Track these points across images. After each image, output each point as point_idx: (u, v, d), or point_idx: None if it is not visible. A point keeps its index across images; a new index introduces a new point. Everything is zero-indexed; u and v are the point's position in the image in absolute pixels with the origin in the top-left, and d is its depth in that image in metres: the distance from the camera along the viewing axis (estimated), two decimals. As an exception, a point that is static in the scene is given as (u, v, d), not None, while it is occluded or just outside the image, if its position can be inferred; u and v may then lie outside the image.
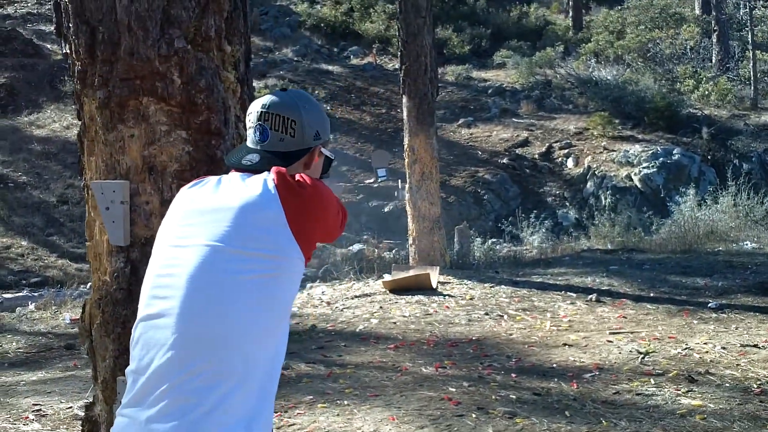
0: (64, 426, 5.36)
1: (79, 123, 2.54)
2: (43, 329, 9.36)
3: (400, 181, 18.19)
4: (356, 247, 16.39)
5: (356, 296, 9.92)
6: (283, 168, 2.17)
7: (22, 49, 24.35)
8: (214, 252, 2.03)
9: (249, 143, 2.28)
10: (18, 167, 18.76)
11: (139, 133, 2.42)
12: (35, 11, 27.77)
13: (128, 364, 2.33)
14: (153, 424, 1.93)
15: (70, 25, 2.45)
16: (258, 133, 2.25)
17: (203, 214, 2.10)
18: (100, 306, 2.45)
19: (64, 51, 2.51)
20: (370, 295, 9.88)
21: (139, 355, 2.04)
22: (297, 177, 2.15)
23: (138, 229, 2.42)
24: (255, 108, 2.27)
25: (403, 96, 11.56)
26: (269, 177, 2.12)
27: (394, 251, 15.72)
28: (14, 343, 8.67)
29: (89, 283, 13.69)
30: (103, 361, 2.47)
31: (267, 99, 2.28)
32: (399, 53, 11.80)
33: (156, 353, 1.99)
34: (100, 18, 2.39)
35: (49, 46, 25.59)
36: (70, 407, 5.75)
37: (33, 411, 5.66)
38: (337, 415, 5.47)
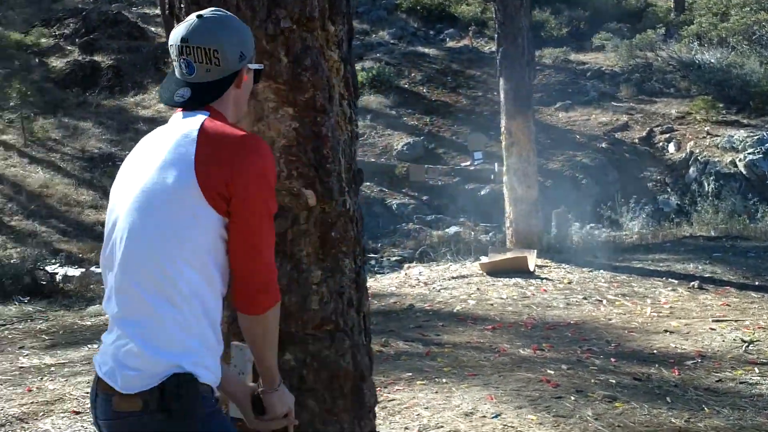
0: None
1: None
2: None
3: (496, 164, 18.09)
4: (452, 229, 16.40)
5: (453, 277, 9.97)
6: (218, 114, 2.27)
7: (128, 32, 25.10)
8: (145, 194, 2.18)
9: (177, 75, 2.31)
10: (125, 146, 19.35)
11: (248, 109, 2.50)
12: (140, -5, 28.56)
13: (240, 331, 2.45)
14: (116, 343, 2.18)
15: (182, 5, 2.55)
16: (184, 67, 2.27)
17: (146, 158, 2.25)
18: (213, 275, 2.55)
19: (175, 31, 2.61)
20: (467, 277, 9.92)
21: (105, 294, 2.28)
22: (228, 128, 2.22)
23: (248, 201, 2.51)
24: (174, 41, 2.28)
25: (500, 79, 11.50)
26: (198, 121, 2.22)
27: (490, 234, 15.67)
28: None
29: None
30: (216, 328, 2.58)
31: (184, 30, 2.26)
32: (496, 36, 11.73)
33: (110, 294, 2.24)
34: (210, -1, 2.48)
35: (153, 28, 26.30)
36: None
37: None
38: (436, 392, 5.53)
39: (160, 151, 2.20)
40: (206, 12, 2.29)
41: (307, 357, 2.55)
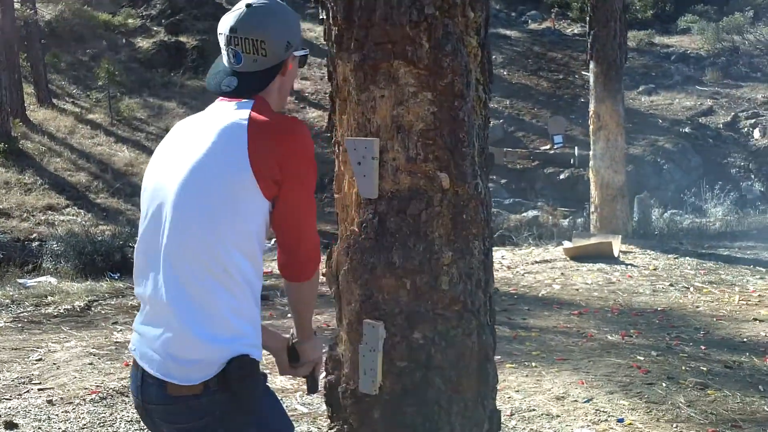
0: (267, 371, 5.69)
1: (331, 84, 2.74)
2: (239, 280, 9.86)
3: (576, 148, 17.95)
4: (531, 213, 16.35)
5: (536, 261, 9.99)
6: (264, 102, 2.28)
7: (213, 13, 25.44)
8: (187, 186, 2.20)
9: (225, 63, 2.36)
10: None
11: (389, 94, 2.56)
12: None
13: (373, 309, 2.54)
14: (164, 336, 2.19)
15: (326, -10, 2.64)
16: (232, 57, 2.32)
17: (188, 143, 2.26)
18: (348, 254, 2.64)
19: (321, 17, 2.70)
20: (550, 261, 9.93)
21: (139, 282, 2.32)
22: (273, 116, 2.24)
23: (385, 183, 2.59)
24: (224, 29, 2.32)
25: (591, 61, 11.43)
26: (245, 111, 2.23)
27: (569, 219, 15.60)
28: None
29: (273, 239, 14.30)
30: (348, 305, 2.67)
31: (233, 19, 2.30)
32: (588, 18, 11.66)
33: (141, 281, 2.29)
34: (358, -15, 2.56)
35: (237, 10, 26.62)
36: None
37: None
38: (526, 375, 5.58)
39: (207, 140, 2.21)
40: (255, 2, 2.32)
41: (435, 336, 2.62)
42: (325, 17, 2.68)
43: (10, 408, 5.06)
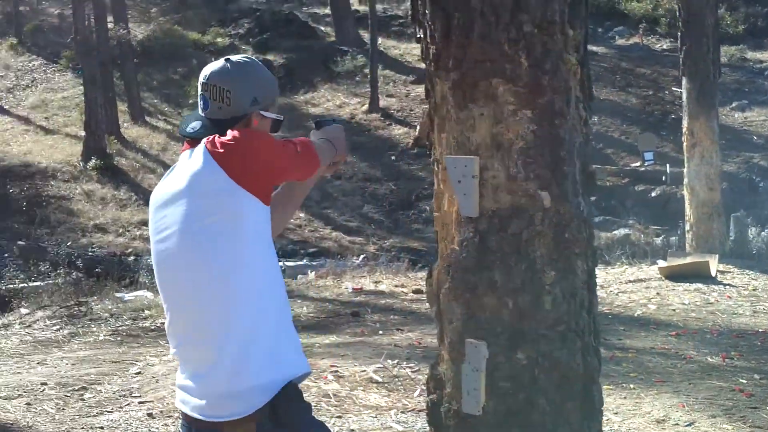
0: (361, 387, 5.72)
1: (428, 102, 2.74)
2: (329, 296, 9.94)
3: (668, 165, 17.60)
4: (621, 231, 16.07)
5: (630, 281, 9.79)
6: (213, 135, 2.31)
7: (299, 32, 25.89)
8: (184, 237, 2.29)
9: (199, 110, 2.48)
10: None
11: (488, 112, 2.55)
12: (311, -5, 29.35)
13: (475, 328, 2.52)
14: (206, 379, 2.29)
15: (427, 11, 2.64)
16: (202, 102, 2.46)
17: (169, 204, 2.36)
18: (449, 272, 2.62)
19: (418, 35, 2.70)
20: (644, 281, 9.72)
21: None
22: (223, 137, 2.29)
23: (485, 201, 2.57)
24: (201, 77, 2.46)
25: (683, 77, 11.22)
26: (203, 148, 2.28)
27: (662, 237, 15.27)
28: (305, 308, 9.26)
29: (362, 255, 14.40)
30: (450, 324, 2.65)
31: (209, 69, 2.45)
32: (679, 33, 11.43)
33: (176, 343, 2.41)
34: (456, 5, 2.55)
35: (323, 28, 27.00)
36: (364, 370, 6.11)
37: (330, 371, 6.07)
38: (624, 397, 5.47)
39: (182, 188, 2.31)
40: (235, 57, 2.50)
41: (539, 356, 2.58)
42: (422, 36, 2.68)
43: (111, 420, 5.19)
